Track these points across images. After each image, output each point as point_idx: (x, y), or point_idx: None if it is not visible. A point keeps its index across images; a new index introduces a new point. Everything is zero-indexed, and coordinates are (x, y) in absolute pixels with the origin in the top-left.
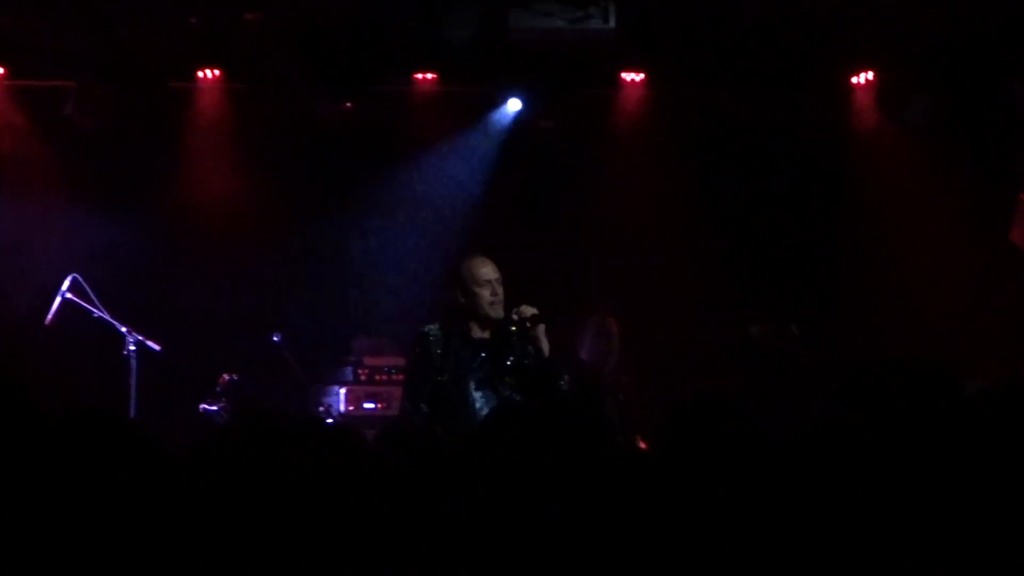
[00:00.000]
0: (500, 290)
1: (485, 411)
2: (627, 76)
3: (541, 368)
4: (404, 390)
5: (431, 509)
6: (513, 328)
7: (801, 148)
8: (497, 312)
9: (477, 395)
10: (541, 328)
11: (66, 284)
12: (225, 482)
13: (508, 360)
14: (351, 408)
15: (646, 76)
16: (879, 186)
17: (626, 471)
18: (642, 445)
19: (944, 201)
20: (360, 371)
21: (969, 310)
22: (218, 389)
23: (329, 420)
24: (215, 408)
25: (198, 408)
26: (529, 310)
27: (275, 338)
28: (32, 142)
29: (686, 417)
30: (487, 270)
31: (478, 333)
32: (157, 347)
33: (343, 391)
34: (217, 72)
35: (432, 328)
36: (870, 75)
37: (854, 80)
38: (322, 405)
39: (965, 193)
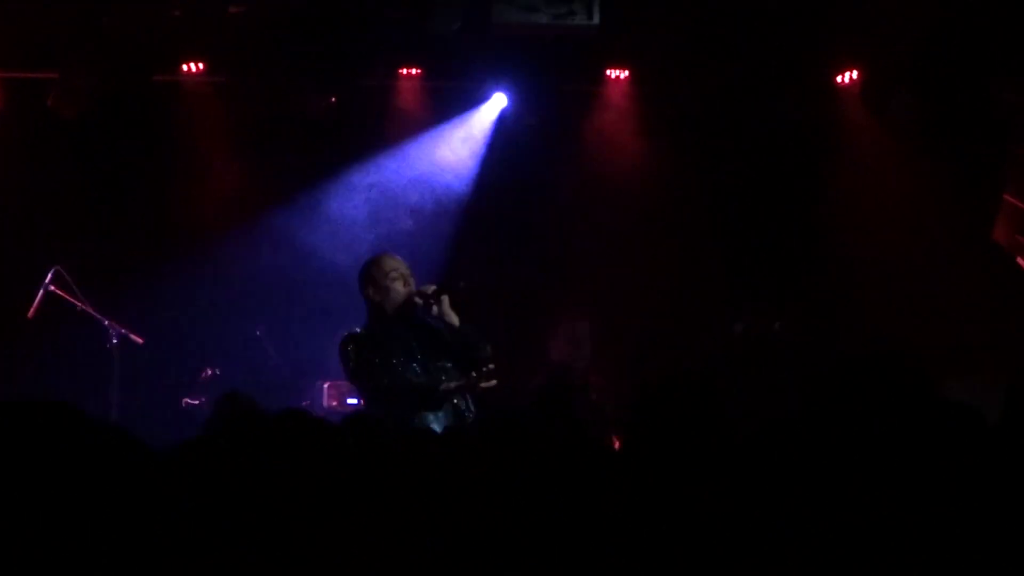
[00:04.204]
0: (412, 281)
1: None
2: (612, 73)
3: (458, 339)
4: (365, 380)
5: (415, 507)
6: (418, 301)
7: (786, 146)
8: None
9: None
10: (446, 300)
11: (49, 276)
12: (209, 478)
13: (435, 341)
14: (334, 404)
15: (631, 73)
16: (863, 184)
17: (596, 466)
18: (616, 443)
19: (928, 199)
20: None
21: (951, 309)
22: (200, 383)
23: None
24: (197, 402)
25: (181, 402)
26: (428, 287)
27: (257, 332)
28: (15, 133)
29: (657, 395)
30: (394, 263)
31: (396, 325)
32: (140, 340)
33: (326, 386)
34: (201, 65)
35: (355, 330)
36: (855, 74)
37: (839, 79)
38: (305, 400)
39: (949, 191)
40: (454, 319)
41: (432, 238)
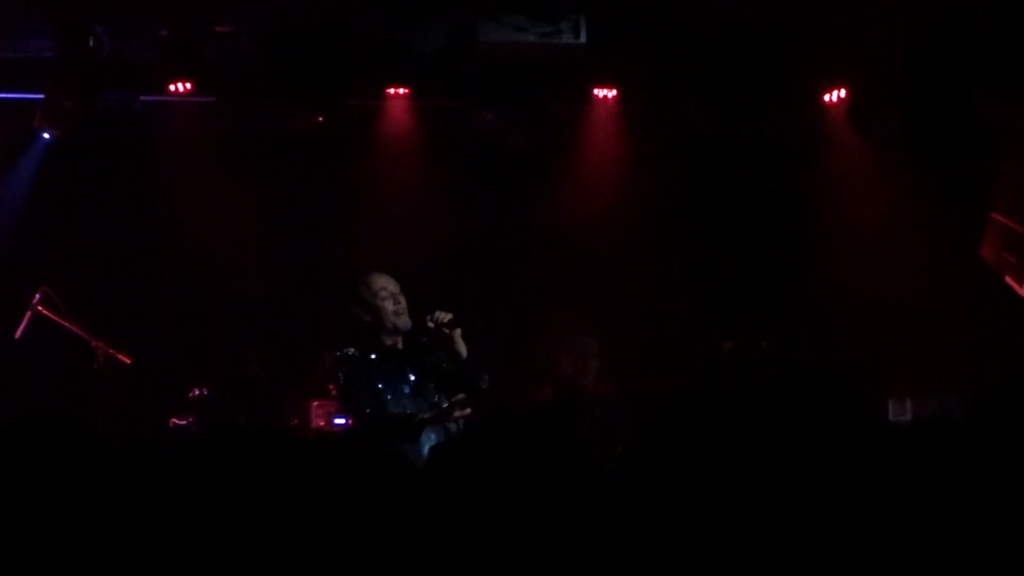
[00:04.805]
0: (403, 300)
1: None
2: (599, 92)
3: (460, 370)
4: (351, 404)
5: (405, 525)
6: (431, 326)
7: (774, 163)
8: (404, 322)
9: (412, 406)
10: (458, 332)
11: (36, 297)
12: (195, 496)
13: (429, 365)
14: (322, 423)
15: (618, 92)
16: (851, 202)
17: (593, 484)
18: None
19: (915, 217)
20: (330, 385)
21: (939, 326)
22: (188, 403)
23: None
24: (185, 422)
25: (168, 422)
26: (445, 315)
27: (245, 351)
28: (3, 153)
29: (667, 414)
30: (384, 282)
31: (391, 345)
32: (127, 360)
33: (314, 406)
34: (188, 84)
35: (349, 351)
36: (842, 92)
37: (826, 97)
38: (293, 419)
39: (935, 209)
40: (463, 350)
41: (427, 254)
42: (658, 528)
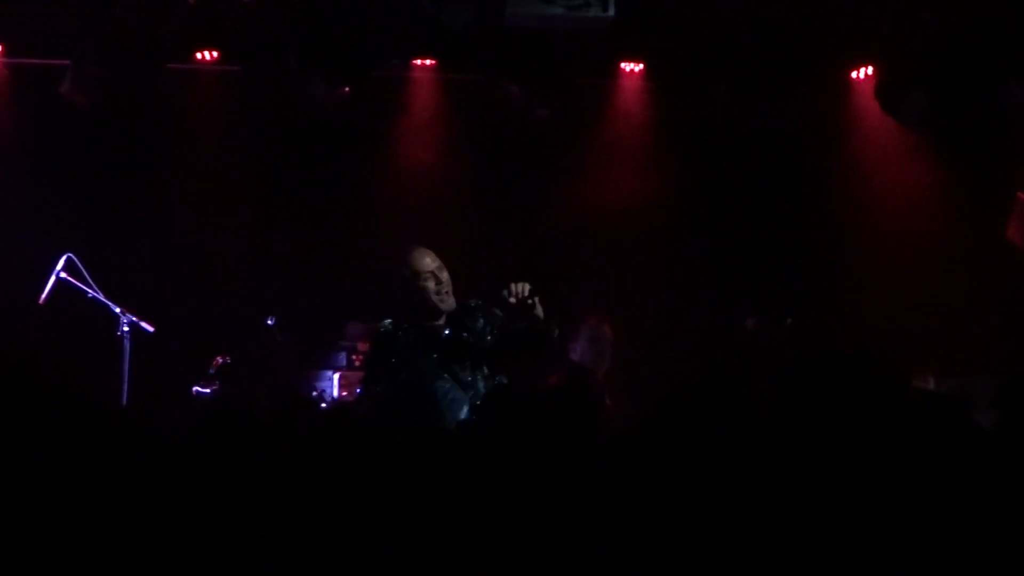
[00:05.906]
0: (444, 277)
1: (450, 396)
2: (625, 67)
3: (534, 329)
4: (366, 378)
5: (426, 494)
6: (511, 300)
7: (799, 142)
8: (446, 302)
9: (439, 384)
10: (537, 300)
11: (60, 263)
12: (216, 466)
13: (464, 343)
14: (344, 394)
15: (644, 67)
16: (876, 181)
17: (614, 460)
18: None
19: (941, 197)
20: (354, 356)
21: (966, 306)
22: (211, 371)
23: (323, 405)
24: (208, 391)
25: (191, 390)
26: (525, 286)
27: (269, 321)
28: (28, 120)
29: (679, 403)
30: (427, 261)
31: (431, 322)
32: (151, 328)
33: (336, 376)
34: (215, 53)
35: (385, 324)
36: (869, 70)
37: (853, 75)
38: (315, 390)
39: (962, 190)
40: (542, 315)
41: (445, 228)
42: (668, 512)
